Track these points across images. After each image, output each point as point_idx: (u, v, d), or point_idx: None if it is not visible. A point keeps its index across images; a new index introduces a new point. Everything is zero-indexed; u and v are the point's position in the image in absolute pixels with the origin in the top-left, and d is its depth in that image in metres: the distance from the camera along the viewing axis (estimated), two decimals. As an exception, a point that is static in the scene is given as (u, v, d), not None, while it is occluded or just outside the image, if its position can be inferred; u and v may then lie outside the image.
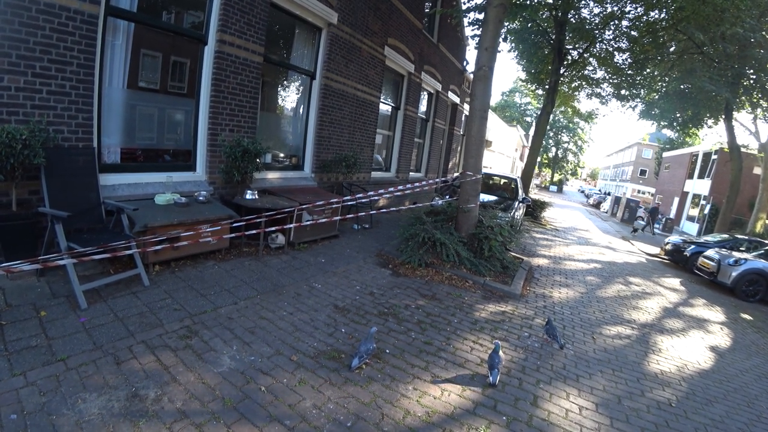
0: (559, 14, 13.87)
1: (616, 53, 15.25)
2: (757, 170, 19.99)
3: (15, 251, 3.44)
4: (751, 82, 14.60)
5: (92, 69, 3.90)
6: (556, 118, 51.10)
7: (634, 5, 13.02)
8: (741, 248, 11.46)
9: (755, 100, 15.15)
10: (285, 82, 7.42)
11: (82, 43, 3.76)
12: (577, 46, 15.95)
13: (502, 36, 10.86)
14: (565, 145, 61.56)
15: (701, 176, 27.21)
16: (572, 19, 14.31)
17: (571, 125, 57.33)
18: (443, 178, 13.91)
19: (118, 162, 4.67)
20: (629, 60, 15.15)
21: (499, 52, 8.12)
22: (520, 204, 10.01)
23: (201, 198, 4.85)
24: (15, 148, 3.19)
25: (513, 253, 7.53)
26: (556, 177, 62.71)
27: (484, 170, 8.08)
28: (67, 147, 3.79)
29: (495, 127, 28.15)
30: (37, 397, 2.23)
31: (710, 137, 22.81)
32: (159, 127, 5.29)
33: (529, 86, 21.41)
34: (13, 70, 3.38)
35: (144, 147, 5.09)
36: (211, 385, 2.61)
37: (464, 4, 12.16)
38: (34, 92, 3.53)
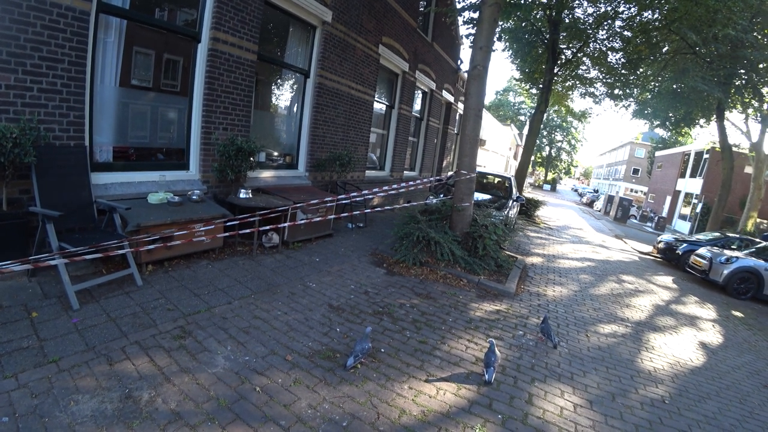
0: (553, 14, 13.93)
1: (609, 53, 15.37)
2: (749, 169, 20.22)
3: (5, 251, 3.39)
4: (743, 82, 14.73)
5: (84, 66, 3.86)
6: (550, 117, 51.44)
7: (627, 5, 13.10)
8: (732, 246, 11.58)
9: (747, 100, 15.29)
10: (279, 81, 7.39)
11: (73, 40, 3.71)
12: (570, 45, 16.04)
13: (497, 35, 10.89)
14: (559, 144, 61.91)
15: (693, 175, 27.49)
16: (566, 19, 14.39)
17: (564, 124, 57.69)
18: (437, 177, 13.90)
19: (110, 161, 4.62)
20: (622, 60, 15.24)
21: (494, 51, 8.13)
22: (514, 203, 10.04)
23: (194, 197, 4.81)
24: (5, 147, 3.16)
25: (507, 252, 7.56)
26: (550, 176, 63.07)
27: (478, 169, 8.09)
28: (59, 145, 3.75)
29: (489, 126, 28.24)
30: (28, 399, 2.20)
31: (702, 136, 23.06)
32: (152, 126, 5.23)
33: (523, 85, 21.48)
34: (4, 67, 3.33)
35: (136, 145, 5.04)
36: (206, 385, 2.59)
37: (459, 3, 12.18)
38: (24, 90, 3.48)
